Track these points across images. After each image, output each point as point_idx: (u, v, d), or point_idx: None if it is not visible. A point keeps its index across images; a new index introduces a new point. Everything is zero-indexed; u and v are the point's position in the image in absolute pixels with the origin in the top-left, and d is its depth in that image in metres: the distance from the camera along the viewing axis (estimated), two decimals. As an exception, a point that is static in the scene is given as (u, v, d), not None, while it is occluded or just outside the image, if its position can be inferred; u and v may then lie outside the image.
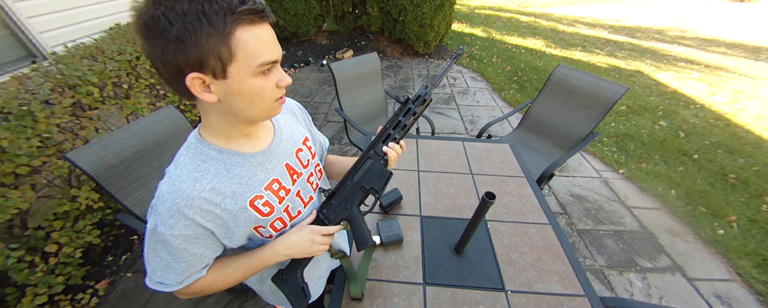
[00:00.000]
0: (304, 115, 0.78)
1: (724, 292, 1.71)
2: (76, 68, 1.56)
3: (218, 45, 0.40)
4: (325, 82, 4.10)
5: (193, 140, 0.53)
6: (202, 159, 0.52)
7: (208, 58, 0.41)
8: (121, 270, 1.75)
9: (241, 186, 0.55)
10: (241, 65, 0.43)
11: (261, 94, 0.47)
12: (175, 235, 0.50)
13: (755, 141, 3.01)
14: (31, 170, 1.31)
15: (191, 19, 0.38)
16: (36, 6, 1.94)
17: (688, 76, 4.52)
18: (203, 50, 0.40)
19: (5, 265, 1.24)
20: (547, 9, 9.33)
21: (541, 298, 0.89)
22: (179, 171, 0.50)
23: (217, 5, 0.39)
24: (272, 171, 0.60)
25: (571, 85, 1.97)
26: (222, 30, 0.40)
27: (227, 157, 0.54)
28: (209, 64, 0.41)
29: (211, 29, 0.39)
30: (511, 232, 1.09)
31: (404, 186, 1.28)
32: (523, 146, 2.12)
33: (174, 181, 0.49)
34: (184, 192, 0.49)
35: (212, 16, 0.39)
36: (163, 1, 0.38)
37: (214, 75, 0.43)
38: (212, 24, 0.39)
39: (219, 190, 0.52)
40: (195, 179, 0.50)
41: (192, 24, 0.38)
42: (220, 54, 0.41)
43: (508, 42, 5.85)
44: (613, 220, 2.13)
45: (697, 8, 10.30)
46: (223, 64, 0.42)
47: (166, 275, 0.54)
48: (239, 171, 0.55)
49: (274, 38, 0.46)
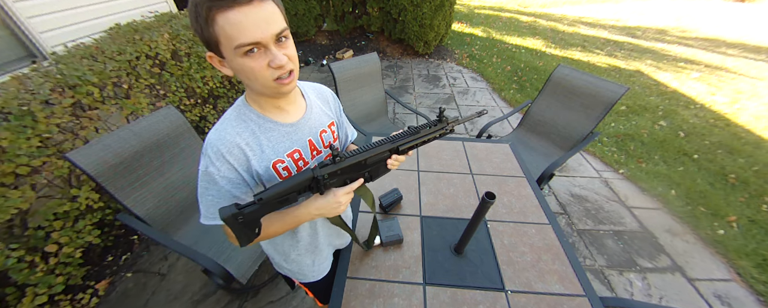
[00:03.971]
0: (337, 104, 0.85)
1: (724, 292, 1.71)
2: (76, 68, 1.56)
3: (208, 31, 0.48)
4: (325, 82, 4.07)
5: (240, 103, 0.63)
6: (243, 119, 0.62)
7: (209, 41, 0.49)
8: (121, 270, 1.75)
9: (269, 148, 0.63)
10: (225, 48, 0.49)
11: (253, 74, 0.52)
12: (222, 176, 0.59)
13: (755, 141, 3.01)
14: (31, 170, 1.31)
15: (192, 10, 0.47)
16: (36, 6, 1.94)
17: (688, 76, 4.52)
18: (202, 35, 0.49)
19: (5, 265, 1.24)
20: (547, 9, 9.33)
21: (541, 298, 0.89)
22: (225, 124, 0.60)
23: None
24: (296, 142, 0.67)
25: (571, 85, 1.97)
26: (205, 18, 0.46)
27: (263, 122, 0.63)
28: (211, 45, 0.50)
29: (199, 18, 0.47)
30: (511, 232, 1.09)
31: (404, 186, 1.28)
32: (523, 146, 2.12)
33: (219, 131, 0.59)
34: (226, 140, 0.58)
35: (200, 7, 0.46)
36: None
37: (219, 54, 0.51)
38: (199, 14, 0.46)
39: (252, 146, 0.61)
40: (237, 132, 0.60)
41: (193, 14, 0.48)
42: (210, 38, 0.49)
43: (508, 42, 5.85)
44: (613, 220, 2.13)
45: (698, 8, 10.30)
46: (216, 45, 0.49)
47: (216, 210, 0.60)
48: (270, 136, 0.63)
49: (257, 19, 0.47)
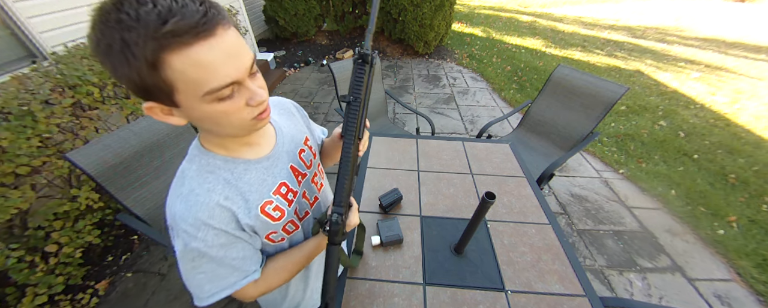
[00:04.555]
0: (301, 112, 0.76)
1: (724, 292, 1.71)
2: (76, 68, 1.55)
3: (150, 77, 0.35)
4: (325, 82, 4.10)
5: (196, 152, 0.51)
6: (209, 170, 0.50)
7: (150, 89, 0.36)
8: (121, 270, 1.75)
9: (252, 193, 0.53)
10: (186, 94, 0.37)
11: (226, 117, 0.42)
12: (210, 246, 0.48)
13: (755, 141, 3.01)
14: (31, 170, 1.31)
15: (116, 52, 0.33)
16: (36, 6, 1.94)
17: (688, 76, 4.52)
18: (139, 82, 0.35)
19: (5, 265, 1.24)
20: (547, 9, 9.33)
21: (541, 298, 0.89)
22: (190, 185, 0.48)
23: (136, 33, 0.32)
24: (279, 175, 0.59)
25: (571, 85, 1.97)
26: (148, 61, 0.33)
27: (233, 166, 0.52)
28: (153, 94, 0.37)
29: (136, 62, 0.33)
30: (511, 232, 1.09)
31: (404, 186, 1.28)
32: (523, 146, 2.12)
33: (188, 197, 0.47)
34: (201, 204, 0.47)
35: (133, 47, 0.32)
36: (96, 26, 0.33)
37: (165, 103, 0.39)
38: (135, 56, 0.33)
39: (233, 199, 0.51)
40: (208, 190, 0.49)
41: (117, 58, 0.33)
42: (158, 85, 0.36)
43: (507, 42, 5.85)
44: (613, 220, 2.13)
45: (698, 8, 10.30)
46: (167, 94, 0.37)
47: (215, 285, 0.52)
48: (247, 179, 0.53)
49: (228, 54, 0.37)
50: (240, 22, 3.17)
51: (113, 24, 0.32)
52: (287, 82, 4.13)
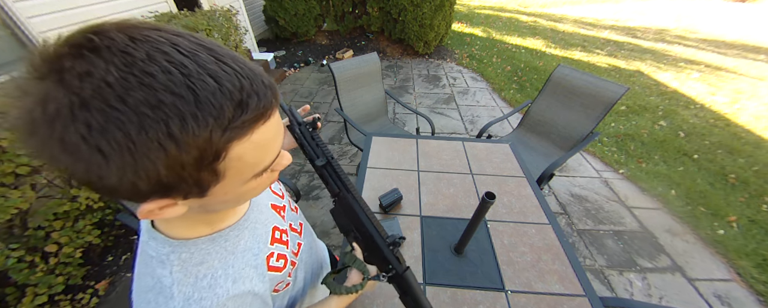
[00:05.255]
0: None
1: (724, 292, 1.71)
2: (76, 68, 1.56)
3: (191, 171, 0.26)
4: (325, 82, 4.10)
5: (166, 249, 0.37)
6: (196, 263, 0.38)
7: (174, 186, 0.27)
8: (121, 270, 1.75)
9: (253, 256, 0.45)
10: (230, 181, 0.31)
11: (253, 192, 0.36)
12: None
13: (755, 141, 3.01)
14: (31, 170, 1.31)
15: (142, 143, 0.23)
16: (36, 6, 1.94)
17: (688, 76, 4.53)
18: (156, 180, 0.25)
19: (5, 265, 1.24)
20: (547, 9, 9.33)
21: (541, 298, 0.89)
22: (183, 294, 0.35)
23: (197, 122, 0.24)
24: (267, 221, 0.51)
25: (571, 85, 1.97)
26: (203, 155, 0.26)
27: (224, 240, 0.41)
28: (177, 192, 0.28)
29: (181, 156, 0.24)
30: (511, 232, 1.09)
31: (404, 186, 1.28)
32: (523, 146, 2.12)
33: (189, 305, 0.35)
34: (217, 296, 0.37)
35: (188, 139, 0.24)
36: (83, 114, 0.22)
37: (186, 197, 0.29)
38: (184, 149, 0.24)
39: (242, 278, 0.42)
40: (209, 286, 0.37)
41: (146, 156, 0.23)
42: (196, 179, 0.28)
43: (508, 42, 5.85)
44: (613, 220, 2.13)
45: (698, 8, 10.31)
46: (203, 187, 0.29)
47: None
48: (245, 245, 0.44)
49: (278, 125, 0.32)
50: (240, 22, 3.17)
51: (144, 109, 0.22)
52: (287, 82, 4.13)
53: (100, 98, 0.21)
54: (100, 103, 0.21)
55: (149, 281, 0.36)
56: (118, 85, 0.22)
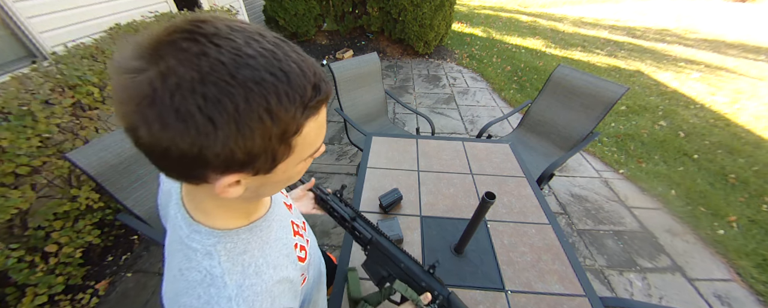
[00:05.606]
0: None
1: (724, 292, 1.71)
2: (76, 68, 1.55)
3: (276, 145, 0.30)
4: (325, 82, 4.10)
5: (211, 241, 0.38)
6: (240, 252, 0.40)
7: (258, 159, 0.30)
8: (121, 270, 1.75)
9: (284, 246, 0.48)
10: (293, 158, 0.34)
11: (295, 177, 0.39)
12: None
13: (755, 141, 3.01)
14: (31, 170, 1.31)
15: (243, 118, 0.26)
16: (36, 6, 1.94)
17: (688, 76, 4.53)
18: (247, 152, 0.29)
19: (5, 265, 1.24)
20: (547, 9, 9.33)
21: (541, 298, 0.89)
22: (235, 282, 0.37)
23: (290, 98, 0.28)
24: (286, 215, 0.53)
25: (571, 84, 1.97)
26: (288, 129, 0.30)
27: (259, 230, 0.43)
28: (255, 165, 0.31)
29: (272, 130, 0.28)
30: (511, 232, 1.09)
31: (404, 186, 1.28)
32: (523, 146, 2.12)
33: (242, 296, 0.37)
34: (261, 293, 0.39)
35: (283, 111, 0.28)
36: (203, 81, 0.25)
37: (256, 172, 0.32)
38: (278, 121, 0.28)
39: (280, 265, 0.44)
40: (256, 273, 0.40)
41: (254, 127, 0.27)
42: (275, 153, 0.31)
43: (508, 42, 5.85)
44: (613, 220, 2.13)
45: (698, 8, 10.31)
46: (276, 161, 0.32)
47: None
48: (275, 236, 0.47)
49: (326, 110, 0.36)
50: (240, 22, 3.17)
51: (269, 85, 0.27)
52: (287, 82, 4.13)
53: (216, 74, 0.25)
54: (216, 77, 0.25)
55: (197, 275, 0.36)
56: (230, 63, 0.25)
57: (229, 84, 0.25)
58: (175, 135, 0.26)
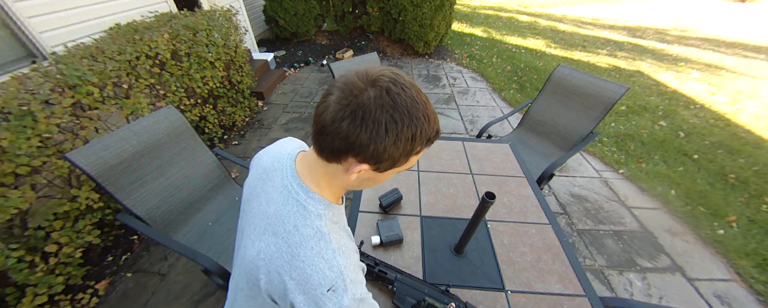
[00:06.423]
0: None
1: (724, 292, 1.71)
2: (76, 68, 1.55)
3: (406, 155, 0.46)
4: (325, 82, 4.10)
5: (321, 207, 0.51)
6: (335, 221, 0.54)
7: (388, 161, 0.46)
8: (121, 270, 1.75)
9: (348, 231, 0.59)
10: (399, 168, 0.50)
11: (382, 181, 0.54)
12: (367, 291, 0.51)
13: (755, 141, 3.01)
14: (31, 170, 1.31)
15: (407, 136, 0.43)
16: (36, 6, 1.94)
17: (688, 76, 4.53)
18: (396, 155, 0.45)
19: (5, 265, 1.24)
20: (547, 9, 9.33)
21: (541, 298, 0.89)
22: (337, 240, 0.50)
23: (424, 134, 0.45)
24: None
25: (571, 85, 1.97)
26: (416, 149, 0.46)
27: (340, 211, 0.57)
28: (383, 163, 0.46)
29: (410, 148, 0.45)
30: (511, 232, 1.09)
31: (404, 186, 1.28)
32: (523, 146, 2.12)
33: (341, 250, 0.49)
34: (352, 250, 0.52)
35: (418, 140, 0.45)
36: (414, 120, 0.43)
37: (377, 169, 0.47)
38: (413, 144, 0.45)
39: (352, 240, 0.58)
40: (348, 236, 0.55)
41: (410, 140, 0.44)
42: (398, 161, 0.47)
43: (508, 42, 5.85)
44: (613, 220, 2.13)
45: (698, 8, 10.31)
46: (393, 166, 0.47)
47: None
48: (345, 222, 0.60)
49: None
50: (240, 22, 3.17)
51: (420, 123, 0.44)
52: (287, 82, 4.13)
53: (401, 106, 0.42)
54: (401, 108, 0.42)
55: (310, 231, 0.49)
56: (409, 103, 0.43)
57: (404, 115, 0.42)
58: (363, 131, 0.41)
